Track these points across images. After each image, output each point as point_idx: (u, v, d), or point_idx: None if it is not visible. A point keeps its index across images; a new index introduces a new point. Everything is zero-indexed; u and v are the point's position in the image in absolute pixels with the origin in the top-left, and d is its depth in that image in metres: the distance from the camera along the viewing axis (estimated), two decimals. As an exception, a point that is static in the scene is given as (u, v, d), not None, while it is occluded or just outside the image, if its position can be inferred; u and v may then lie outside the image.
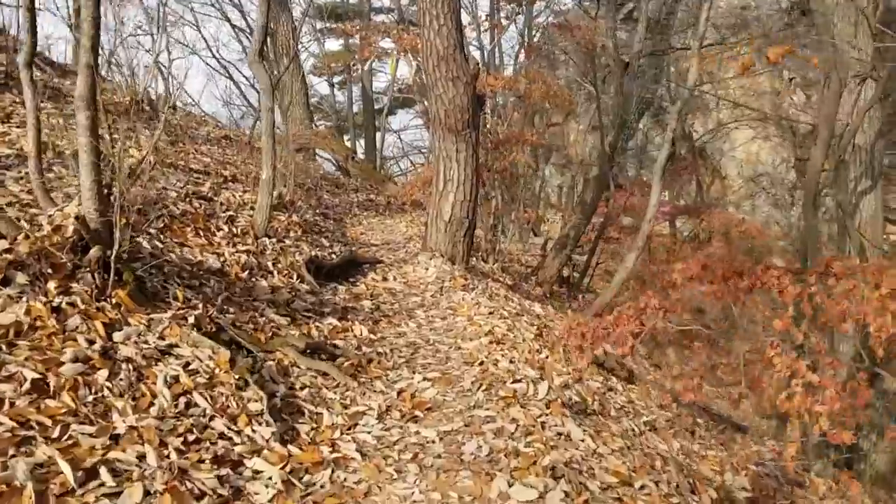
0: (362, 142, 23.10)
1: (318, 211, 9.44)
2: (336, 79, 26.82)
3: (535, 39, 18.99)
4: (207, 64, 26.41)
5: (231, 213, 6.24)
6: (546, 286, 11.29)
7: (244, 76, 23.18)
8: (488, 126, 9.44)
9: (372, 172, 13.88)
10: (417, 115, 26.98)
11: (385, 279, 7.06)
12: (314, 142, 13.79)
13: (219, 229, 5.88)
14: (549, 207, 22.73)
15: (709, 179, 22.05)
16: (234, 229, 6.01)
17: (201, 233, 5.67)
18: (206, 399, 3.32)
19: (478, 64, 7.77)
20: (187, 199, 6.00)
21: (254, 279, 5.41)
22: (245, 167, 8.87)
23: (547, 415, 3.89)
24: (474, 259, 9.16)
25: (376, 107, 23.51)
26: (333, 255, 7.01)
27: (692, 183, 20.81)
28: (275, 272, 5.78)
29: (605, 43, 12.32)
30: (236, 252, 5.66)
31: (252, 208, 6.57)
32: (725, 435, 5.81)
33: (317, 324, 5.04)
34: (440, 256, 7.83)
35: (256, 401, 3.45)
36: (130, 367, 3.33)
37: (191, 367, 3.51)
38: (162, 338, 3.63)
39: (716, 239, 21.38)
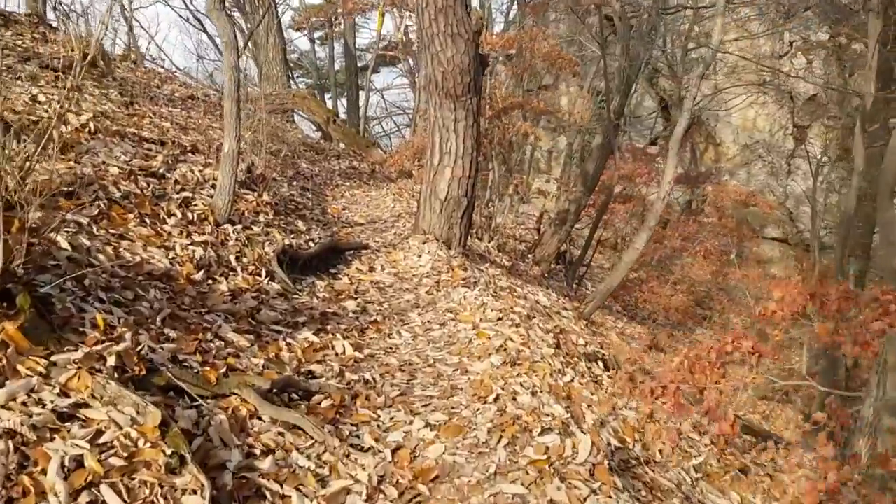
0: (344, 101, 21.76)
1: (294, 184, 8.28)
2: (317, 34, 25.36)
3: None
4: (179, 15, 24.73)
5: (187, 193, 5.08)
6: (544, 265, 10.27)
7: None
8: (487, 91, 8.30)
9: (355, 137, 12.68)
10: (402, 74, 25.60)
11: (372, 269, 5.97)
12: (292, 102, 12.53)
13: (170, 215, 4.74)
14: (539, 172, 21.63)
15: (703, 146, 21.03)
16: (189, 215, 4.87)
17: (147, 221, 4.53)
18: (119, 495, 2.26)
19: (481, 18, 6.59)
20: (132, 178, 4.83)
21: (210, 281, 4.29)
22: (211, 133, 7.67)
23: (595, 491, 2.86)
24: (469, 238, 8.10)
25: (359, 64, 22.08)
26: (311, 243, 5.88)
27: (686, 149, 19.76)
28: (238, 269, 4.66)
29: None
30: (191, 244, 4.53)
31: (214, 186, 5.42)
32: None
33: (288, 341, 3.96)
34: (434, 240, 6.74)
35: (195, 491, 2.38)
36: (11, 445, 2.26)
37: (103, 440, 2.43)
38: (64, 394, 2.54)
39: (709, 207, 20.54)
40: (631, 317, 12.35)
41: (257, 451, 2.81)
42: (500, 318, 4.88)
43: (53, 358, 2.65)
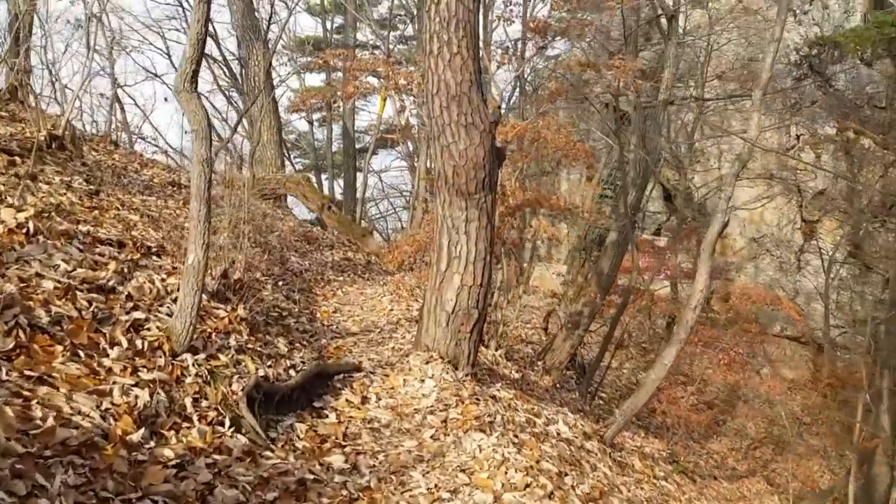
0: (342, 182, 21.07)
1: (281, 284, 7.28)
2: (316, 115, 24.98)
3: (529, 79, 17.17)
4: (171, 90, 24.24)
5: (140, 313, 4.06)
6: (555, 373, 9.20)
7: (216, 108, 21.06)
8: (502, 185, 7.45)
9: (350, 225, 11.79)
10: (400, 157, 25.10)
11: (365, 400, 4.90)
12: (285, 188, 11.68)
13: (113, 344, 3.70)
14: (539, 261, 20.76)
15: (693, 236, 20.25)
16: (138, 343, 3.83)
17: (81, 354, 3.49)
18: None
19: (499, 107, 5.74)
20: (69, 295, 3.82)
21: (153, 442, 3.23)
22: (187, 229, 6.71)
23: None
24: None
25: (358, 146, 21.51)
26: (293, 370, 4.82)
27: (692, 242, 18.95)
28: (195, 417, 3.60)
29: (620, 87, 10.42)
30: (135, 385, 3.48)
31: (176, 300, 4.41)
32: None
33: (251, 539, 2.88)
34: (439, 358, 5.70)
35: None
36: None
37: None
38: None
39: (715, 303, 19.62)
40: (645, 427, 11.22)
41: None
42: (527, 485, 3.80)
43: None
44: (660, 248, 16.39)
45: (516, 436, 4.65)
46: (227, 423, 3.68)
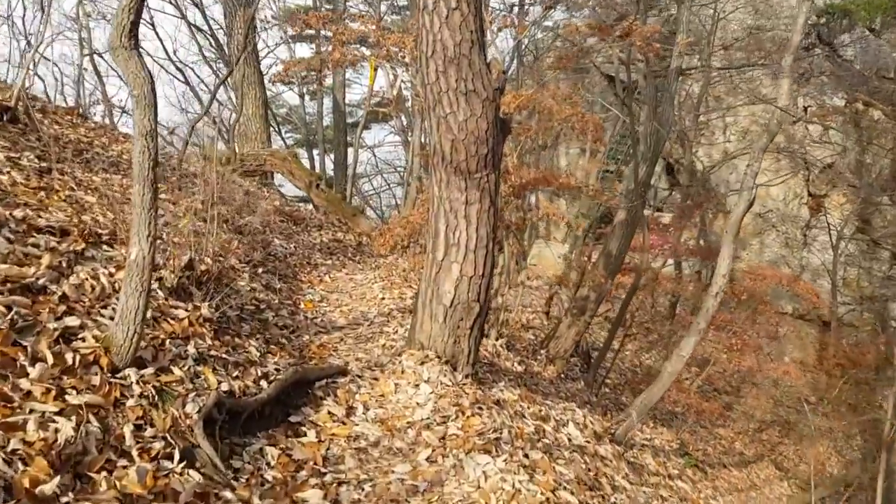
0: (332, 156, 20.24)
1: (261, 272, 6.55)
2: (307, 88, 24.10)
3: (530, 48, 16.28)
4: (162, 66, 23.34)
5: (75, 318, 3.34)
6: (560, 362, 8.53)
7: (203, 81, 20.25)
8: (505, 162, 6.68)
9: (340, 204, 11.02)
10: (394, 132, 24.27)
11: (350, 411, 4.20)
12: (270, 164, 10.90)
13: (36, 360, 2.99)
14: (537, 237, 20.02)
15: (712, 214, 19.53)
16: (69, 357, 3.11)
17: (-11, 375, 2.78)
18: None
19: (503, 73, 4.97)
20: (-17, 299, 3.10)
21: (74, 491, 2.52)
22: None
23: None
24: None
25: (349, 121, 20.66)
26: (265, 380, 4.09)
27: (696, 217, 18.23)
28: (135, 451, 2.89)
29: (631, 55, 9.62)
30: (58, 414, 2.78)
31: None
32: None
33: None
34: (436, 358, 5.01)
35: None
36: None
37: None
38: None
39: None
40: (652, 416, 10.59)
41: None
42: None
43: None
44: (663, 225, 15.65)
45: (526, 455, 3.96)
46: (177, 456, 2.98)
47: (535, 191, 8.42)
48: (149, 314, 3.59)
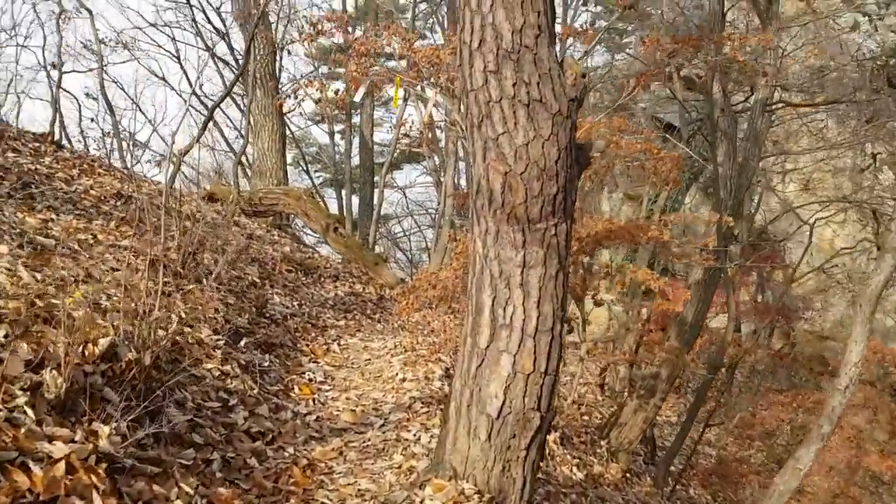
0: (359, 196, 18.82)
1: (245, 340, 4.94)
2: (338, 127, 22.86)
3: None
4: (184, 99, 22.40)
5: None
6: (623, 457, 6.74)
7: (226, 114, 19.11)
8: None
9: (360, 251, 9.43)
10: (426, 172, 22.84)
11: None
12: (283, 203, 9.40)
13: None
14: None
15: (769, 268, 17.63)
16: None
17: None
18: None
19: (583, 76, 3.34)
20: None
21: None
22: (98, 264, 4.40)
23: None
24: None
25: (378, 160, 19.27)
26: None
27: (752, 272, 16.33)
28: None
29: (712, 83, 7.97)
30: None
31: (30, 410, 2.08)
32: None
33: None
34: (475, 494, 3.32)
35: None
36: None
37: None
38: None
39: (778, 340, 17.02)
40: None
41: None
42: None
43: None
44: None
45: None
46: None
47: (609, 247, 6.80)
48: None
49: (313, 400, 4.71)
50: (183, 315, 4.35)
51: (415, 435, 4.19)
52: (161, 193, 6.78)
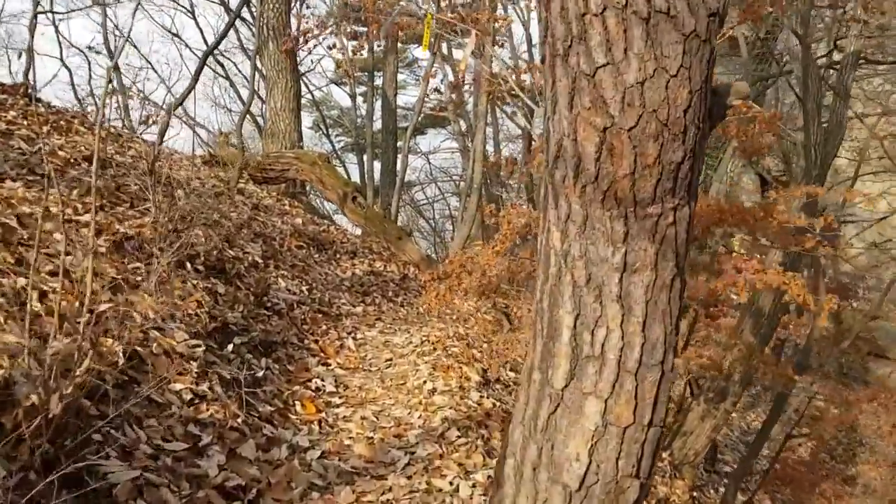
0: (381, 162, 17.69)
1: (235, 342, 3.86)
2: (360, 89, 21.70)
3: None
4: (191, 49, 21.27)
5: None
6: (689, 471, 5.63)
7: (240, 70, 18.13)
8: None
9: (381, 223, 8.27)
10: (451, 137, 21.63)
11: None
12: (295, 169, 8.26)
13: None
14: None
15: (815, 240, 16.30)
16: None
17: None
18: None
19: (726, -23, 2.18)
20: None
21: None
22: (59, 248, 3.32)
23: None
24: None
25: (402, 125, 18.05)
26: None
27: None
28: None
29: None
30: None
31: None
32: None
33: None
34: None
35: None
36: None
37: None
38: None
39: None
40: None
41: None
42: None
43: None
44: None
45: None
46: None
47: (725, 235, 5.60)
48: None
49: (319, 422, 3.63)
50: (151, 314, 3.27)
51: (451, 483, 3.09)
52: (148, 156, 5.67)
